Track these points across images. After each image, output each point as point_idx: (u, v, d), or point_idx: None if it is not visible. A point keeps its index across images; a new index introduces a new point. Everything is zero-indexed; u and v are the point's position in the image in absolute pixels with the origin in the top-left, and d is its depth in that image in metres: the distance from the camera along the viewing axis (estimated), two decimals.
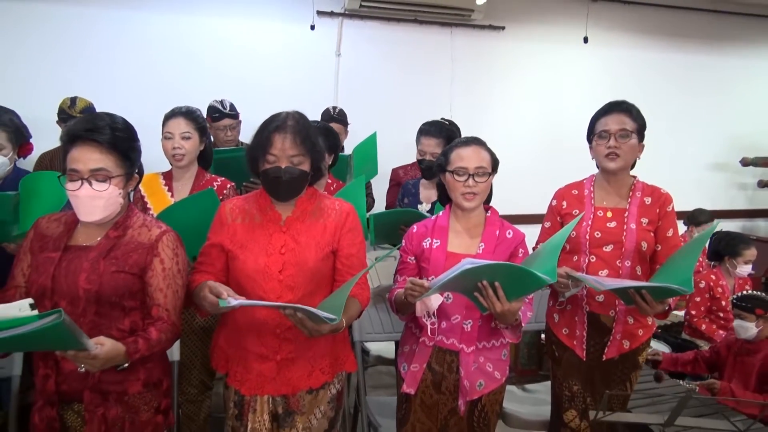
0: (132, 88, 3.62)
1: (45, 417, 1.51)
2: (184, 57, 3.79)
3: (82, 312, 1.47)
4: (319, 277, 1.67)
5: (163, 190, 2.31)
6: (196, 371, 2.34)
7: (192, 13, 3.79)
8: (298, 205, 1.69)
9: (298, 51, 4.00)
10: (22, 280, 1.55)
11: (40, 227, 1.59)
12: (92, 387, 1.50)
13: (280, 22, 3.94)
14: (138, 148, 1.60)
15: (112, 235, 1.55)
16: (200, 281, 1.63)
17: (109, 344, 1.36)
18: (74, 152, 1.49)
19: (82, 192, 1.47)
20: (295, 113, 1.65)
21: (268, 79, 3.91)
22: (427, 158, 2.72)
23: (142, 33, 3.72)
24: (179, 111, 2.31)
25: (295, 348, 1.66)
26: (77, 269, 1.48)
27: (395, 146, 3.65)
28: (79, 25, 3.59)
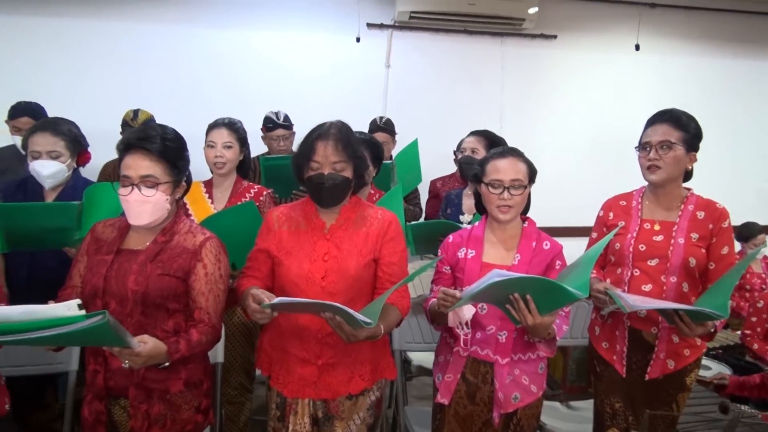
0: (187, 101, 3.79)
1: (94, 410, 1.60)
2: (236, 71, 3.94)
3: (129, 312, 1.55)
4: (361, 284, 1.70)
5: (204, 197, 2.42)
6: (236, 374, 2.41)
7: (242, 28, 3.95)
8: (342, 213, 1.73)
9: (348, 63, 4.08)
10: (79, 280, 1.65)
11: (96, 231, 1.69)
12: (137, 384, 1.58)
13: (329, 34, 4.04)
14: (186, 157, 1.69)
15: (160, 240, 1.63)
16: (247, 286, 1.69)
17: (152, 343, 1.44)
18: (127, 159, 1.59)
19: (131, 197, 1.56)
20: (338, 122, 1.70)
21: (319, 91, 4.01)
22: (466, 153, 2.72)
23: (196, 48, 3.90)
24: (222, 122, 2.42)
25: (336, 353, 1.68)
26: (127, 271, 1.57)
27: (445, 157, 3.65)
28: (142, 41, 3.82)
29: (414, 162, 3.11)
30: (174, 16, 3.85)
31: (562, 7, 4.31)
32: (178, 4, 3.84)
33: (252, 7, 3.93)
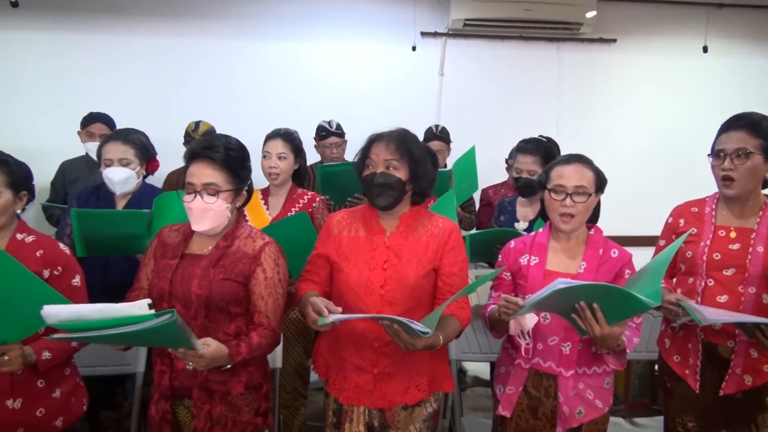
0: (246, 112, 3.89)
1: (160, 410, 1.64)
2: (293, 82, 4.02)
3: (193, 315, 1.59)
4: (420, 293, 1.68)
5: (260, 205, 2.48)
6: (290, 378, 2.44)
7: (299, 40, 4.02)
8: (402, 221, 1.72)
9: (402, 71, 4.09)
10: (146, 282, 1.71)
11: (162, 236, 1.75)
12: (200, 385, 1.61)
13: (383, 44, 4.06)
14: (248, 167, 1.72)
15: (222, 245, 1.67)
16: (306, 290, 1.72)
17: (215, 345, 1.47)
18: (192, 168, 1.64)
19: (194, 204, 1.61)
20: (398, 128, 1.70)
21: (373, 99, 4.03)
22: (524, 176, 2.65)
23: (254, 61, 4.00)
24: (278, 132, 2.48)
25: (393, 363, 1.67)
26: (191, 275, 1.62)
27: (498, 165, 3.60)
28: (204, 56, 3.95)
29: (471, 169, 3.07)
30: (232, 31, 3.97)
31: (621, 10, 4.18)
32: (237, 19, 3.96)
33: (308, 21, 4.01)
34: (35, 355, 1.55)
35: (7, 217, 1.66)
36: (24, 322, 1.44)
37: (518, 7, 3.84)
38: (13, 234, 1.68)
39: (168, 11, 3.90)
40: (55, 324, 1.30)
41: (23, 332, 1.48)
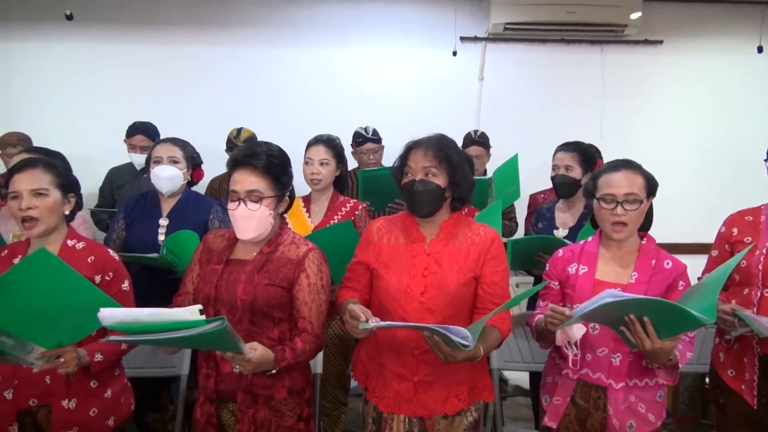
0: (286, 119, 3.94)
1: (205, 412, 1.67)
2: (330, 88, 4.04)
3: (239, 319, 1.61)
4: (460, 301, 1.66)
5: (302, 212, 2.49)
6: (331, 386, 2.44)
7: (339, 47, 4.05)
8: (443, 229, 1.70)
9: (441, 77, 4.07)
10: (191, 287, 1.74)
11: (207, 241, 1.78)
12: (245, 389, 1.63)
13: (423, 49, 4.05)
14: (290, 173, 1.74)
15: (266, 251, 1.69)
16: (346, 297, 1.72)
17: (261, 350, 1.48)
18: (235, 175, 1.66)
19: (238, 211, 1.63)
20: (437, 134, 1.69)
21: (411, 105, 4.03)
22: (560, 173, 2.59)
23: (294, 68, 4.05)
24: (320, 138, 2.49)
25: (433, 371, 1.65)
26: (236, 281, 1.64)
27: (541, 170, 3.53)
28: (244, 64, 4.02)
29: (513, 177, 3.02)
30: (271, 39, 4.03)
31: (668, 10, 4.06)
32: (276, 28, 4.02)
33: (347, 28, 4.04)
34: (88, 357, 1.59)
35: (57, 218, 1.70)
36: (78, 326, 1.49)
37: (560, 10, 3.78)
38: (64, 240, 1.73)
39: (208, 20, 4.00)
40: (111, 326, 1.34)
41: (78, 335, 1.53)
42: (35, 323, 1.45)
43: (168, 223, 2.36)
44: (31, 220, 1.64)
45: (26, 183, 1.64)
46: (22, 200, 1.63)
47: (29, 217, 1.63)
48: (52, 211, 1.67)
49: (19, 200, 1.63)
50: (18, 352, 1.43)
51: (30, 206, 1.62)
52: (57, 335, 1.49)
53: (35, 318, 1.44)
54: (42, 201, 1.65)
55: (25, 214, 1.62)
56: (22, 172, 1.66)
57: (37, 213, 1.63)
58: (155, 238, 2.32)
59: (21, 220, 1.64)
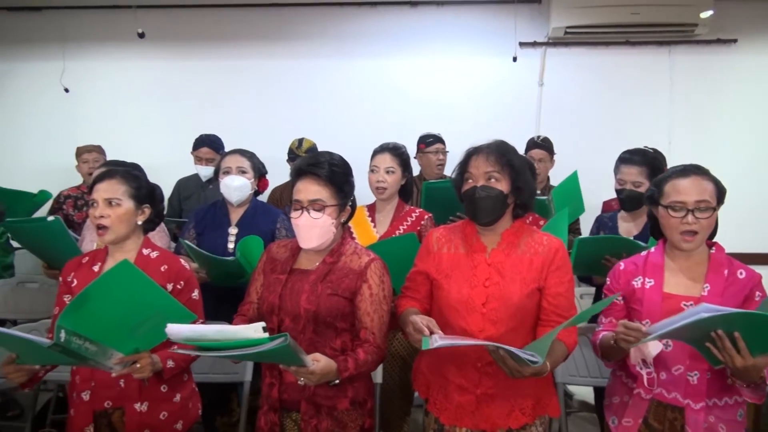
0: (348, 128, 4.00)
1: (269, 421, 1.69)
2: (391, 97, 4.08)
3: (302, 329, 1.63)
4: (523, 313, 1.62)
5: (367, 221, 2.47)
6: (394, 396, 2.42)
7: (396, 56, 4.08)
8: (504, 238, 1.66)
9: (500, 83, 4.03)
10: (255, 296, 1.78)
11: (271, 252, 1.81)
12: (308, 398, 1.64)
13: (482, 56, 4.02)
14: (351, 182, 1.75)
15: (328, 261, 1.70)
16: (406, 307, 1.71)
17: (324, 361, 1.49)
18: (298, 184, 1.68)
19: (301, 220, 1.64)
20: (497, 140, 1.66)
21: (470, 113, 4.00)
22: (627, 188, 2.48)
23: (354, 78, 4.11)
24: (386, 147, 2.47)
25: (496, 384, 1.61)
26: (299, 290, 1.66)
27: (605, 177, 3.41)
28: (301, 76, 4.12)
29: (575, 193, 2.92)
30: (330, 51, 4.11)
31: (742, 7, 3.85)
32: (335, 39, 4.09)
33: (406, 37, 4.06)
34: (161, 363, 1.65)
35: (128, 228, 1.77)
36: (154, 334, 1.55)
37: (624, 11, 3.65)
38: (140, 249, 1.80)
39: (268, 35, 4.12)
40: (177, 341, 1.38)
41: (152, 342, 1.59)
42: (115, 330, 1.52)
43: (237, 231, 2.43)
44: (103, 228, 1.72)
45: (102, 192, 1.73)
46: (98, 208, 1.72)
47: (101, 225, 1.72)
48: (122, 220, 1.74)
49: (95, 208, 1.73)
50: (99, 358, 1.49)
51: (102, 215, 1.71)
52: (134, 342, 1.56)
53: (116, 326, 1.51)
54: (114, 210, 1.73)
55: (98, 222, 1.72)
56: (102, 182, 1.76)
57: (108, 222, 1.72)
58: (225, 245, 2.40)
59: (96, 227, 1.73)
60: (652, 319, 1.59)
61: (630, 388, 1.69)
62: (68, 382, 1.82)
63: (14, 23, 4.29)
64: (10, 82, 4.34)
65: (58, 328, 1.38)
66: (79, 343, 1.42)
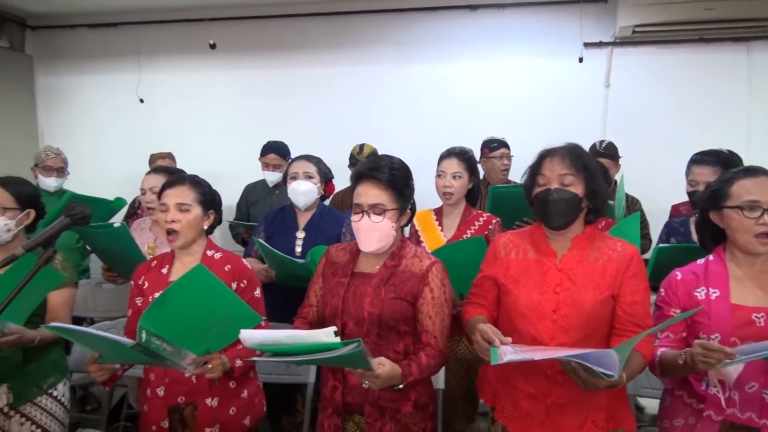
0: (410, 132, 4.03)
1: (332, 424, 1.70)
2: (453, 101, 4.07)
3: (366, 332, 1.63)
4: (597, 321, 1.56)
5: (435, 225, 2.46)
6: (460, 402, 2.39)
7: (458, 60, 4.08)
8: (575, 243, 1.61)
9: (565, 85, 3.95)
10: (315, 299, 1.80)
11: (330, 255, 1.83)
12: (372, 402, 1.65)
13: (546, 58, 3.96)
14: (411, 186, 1.75)
15: (390, 264, 1.70)
16: (472, 314, 1.68)
17: (389, 366, 1.49)
18: (359, 188, 1.69)
19: (362, 224, 1.65)
20: (569, 142, 1.62)
21: (535, 116, 3.94)
22: (700, 189, 2.35)
23: (415, 83, 4.14)
24: (453, 151, 2.46)
25: (567, 394, 1.56)
26: (363, 294, 1.67)
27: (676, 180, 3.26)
28: (363, 83, 4.19)
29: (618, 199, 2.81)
30: (390, 57, 4.17)
31: None
32: (394, 45, 4.15)
33: (469, 41, 4.06)
34: (230, 363, 1.70)
35: (196, 232, 1.84)
36: (224, 335, 1.60)
37: (697, 7, 3.49)
38: (204, 251, 1.87)
39: (331, 43, 4.22)
40: (251, 347, 1.42)
41: (223, 343, 1.64)
42: (189, 332, 1.58)
43: (304, 235, 2.48)
44: (173, 232, 1.79)
45: (174, 197, 1.80)
46: (169, 213, 1.79)
47: (172, 230, 1.79)
48: (191, 225, 1.81)
49: (166, 213, 1.80)
50: (175, 358, 1.56)
51: (174, 219, 1.78)
52: (205, 343, 1.62)
53: (189, 327, 1.57)
54: (184, 216, 1.79)
55: (169, 226, 1.78)
56: (173, 188, 1.82)
57: (178, 226, 1.78)
58: (292, 249, 2.44)
59: (166, 232, 1.80)
60: (722, 332, 1.49)
61: (695, 410, 1.59)
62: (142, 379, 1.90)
63: (93, 39, 4.58)
64: (90, 94, 4.64)
65: (139, 328, 1.46)
66: (158, 343, 1.49)
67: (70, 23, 4.59)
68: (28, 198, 1.97)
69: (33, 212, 1.99)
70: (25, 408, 1.91)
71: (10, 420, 1.89)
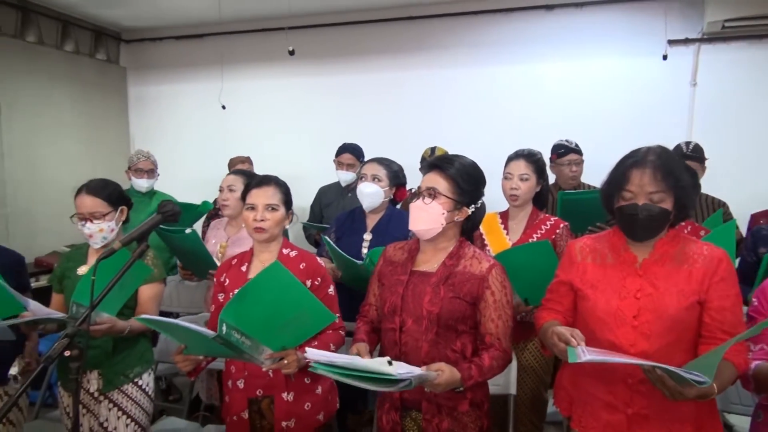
0: (484, 135, 4.00)
1: (390, 420, 1.72)
2: (528, 103, 4.01)
3: (424, 330, 1.64)
4: (682, 328, 1.49)
5: (500, 229, 2.43)
6: (526, 409, 2.35)
7: (532, 62, 4.02)
8: (658, 248, 1.55)
9: (648, 84, 3.79)
10: (373, 299, 1.84)
11: (388, 254, 1.85)
12: (429, 399, 1.66)
13: (628, 57, 3.82)
14: (478, 186, 1.73)
15: (448, 264, 1.70)
16: (547, 319, 1.65)
17: (448, 372, 1.50)
18: (424, 177, 1.73)
19: (415, 204, 1.69)
20: (657, 147, 1.53)
21: (616, 117, 3.82)
22: None
23: (490, 86, 4.10)
24: (521, 153, 2.42)
25: (650, 404, 1.50)
26: (422, 292, 1.67)
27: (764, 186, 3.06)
28: (437, 86, 4.20)
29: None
30: (466, 59, 4.15)
31: None
32: (469, 47, 4.13)
33: (547, 42, 4.00)
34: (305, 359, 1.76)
35: (280, 230, 1.93)
36: (299, 332, 1.66)
37: None
38: (280, 249, 1.94)
39: (405, 47, 4.26)
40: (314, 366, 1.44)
41: (298, 340, 1.70)
42: (266, 327, 1.64)
43: (371, 237, 2.51)
44: (261, 231, 1.87)
45: (262, 198, 1.88)
46: (257, 212, 1.87)
47: (260, 228, 1.87)
48: (278, 223, 1.90)
49: (255, 212, 1.87)
50: (253, 352, 1.63)
51: (263, 218, 1.86)
52: (282, 339, 1.68)
53: (266, 323, 1.64)
54: (272, 215, 1.88)
55: (258, 225, 1.86)
56: (260, 188, 1.90)
57: (267, 225, 1.87)
58: (359, 251, 2.48)
59: (253, 229, 1.88)
60: None
61: None
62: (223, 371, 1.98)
63: (180, 50, 4.87)
64: (176, 101, 4.92)
65: (220, 321, 1.53)
66: (237, 337, 1.57)
67: (158, 36, 4.90)
68: (116, 197, 2.12)
69: (125, 208, 2.14)
70: (113, 394, 2.05)
71: (99, 404, 2.04)
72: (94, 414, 2.05)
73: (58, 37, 4.45)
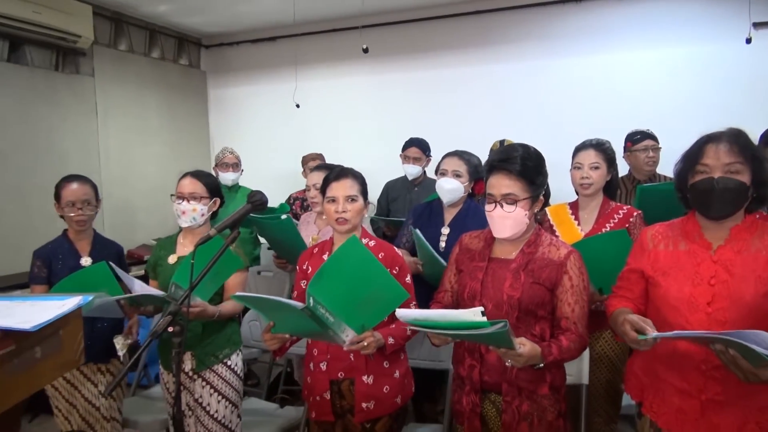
0: (553, 127, 3.95)
1: (470, 401, 1.77)
2: (600, 94, 3.95)
3: (504, 315, 1.68)
4: (759, 315, 1.45)
5: (570, 219, 2.42)
6: (601, 400, 2.34)
7: (603, 52, 3.95)
8: (733, 234, 1.52)
9: (729, 70, 3.64)
10: (449, 285, 1.90)
11: (464, 243, 1.90)
12: (509, 381, 1.70)
13: (708, 42, 3.68)
14: (544, 173, 1.75)
15: (527, 251, 1.74)
16: (617, 306, 1.66)
17: (529, 345, 1.53)
18: (491, 179, 1.74)
19: (495, 213, 1.71)
20: (732, 128, 1.52)
21: (694, 105, 3.68)
22: None
23: (560, 78, 4.06)
24: (590, 143, 2.41)
25: (725, 390, 1.47)
26: (502, 278, 1.72)
27: None
28: (508, 79, 4.20)
29: None
30: (533, 52, 4.14)
31: None
32: (538, 40, 4.10)
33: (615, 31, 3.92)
34: (383, 339, 1.83)
35: (359, 220, 2.01)
36: (377, 311, 1.74)
37: None
38: (360, 238, 2.01)
39: (473, 42, 4.28)
40: (406, 321, 1.54)
41: (376, 319, 1.78)
42: (346, 304, 1.72)
43: (449, 231, 2.54)
44: (344, 222, 1.96)
45: (342, 190, 1.97)
46: (339, 204, 1.96)
47: (343, 219, 1.96)
48: (358, 214, 1.98)
49: (336, 204, 1.96)
50: (336, 328, 1.71)
51: (345, 210, 1.95)
52: (361, 317, 1.76)
53: (346, 299, 1.71)
54: (353, 206, 1.96)
55: (340, 216, 1.95)
56: (339, 181, 1.99)
57: (348, 215, 1.95)
58: (437, 244, 2.51)
59: (335, 221, 1.98)
60: None
61: None
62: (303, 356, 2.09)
63: (254, 53, 5.11)
64: (252, 102, 5.17)
65: (308, 295, 1.64)
66: (322, 311, 1.66)
67: (236, 40, 5.16)
68: (215, 188, 2.30)
69: (219, 200, 2.31)
70: (205, 373, 2.21)
71: (194, 382, 2.22)
72: (189, 391, 2.23)
73: (146, 45, 4.78)
